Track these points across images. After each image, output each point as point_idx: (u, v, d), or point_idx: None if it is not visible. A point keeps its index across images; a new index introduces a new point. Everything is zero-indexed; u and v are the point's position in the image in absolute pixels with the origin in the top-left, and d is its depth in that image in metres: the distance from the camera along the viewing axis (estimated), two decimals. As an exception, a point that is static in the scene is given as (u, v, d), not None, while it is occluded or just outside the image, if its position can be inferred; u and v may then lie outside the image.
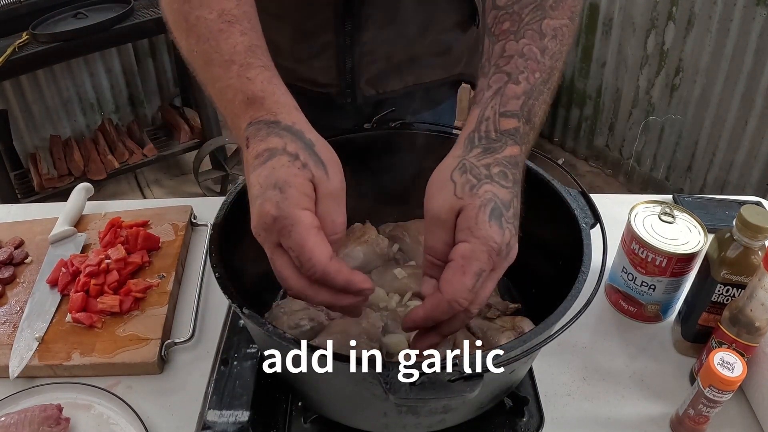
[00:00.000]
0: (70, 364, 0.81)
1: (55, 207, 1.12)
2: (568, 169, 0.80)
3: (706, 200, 1.12)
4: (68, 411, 0.76)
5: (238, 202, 0.74)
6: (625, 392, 0.80)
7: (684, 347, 0.84)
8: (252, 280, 0.74)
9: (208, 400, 0.74)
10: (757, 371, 0.75)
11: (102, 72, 2.89)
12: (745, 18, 2.16)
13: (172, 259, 0.96)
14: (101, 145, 2.70)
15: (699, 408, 0.70)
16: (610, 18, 2.66)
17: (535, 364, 0.79)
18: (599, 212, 0.71)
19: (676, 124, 2.57)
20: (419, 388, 0.51)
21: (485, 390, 0.58)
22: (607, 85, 2.80)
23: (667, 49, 2.48)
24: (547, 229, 0.77)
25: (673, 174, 2.68)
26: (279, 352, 0.62)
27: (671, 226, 0.85)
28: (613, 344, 0.87)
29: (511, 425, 0.73)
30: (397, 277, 0.86)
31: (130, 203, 1.12)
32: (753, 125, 2.28)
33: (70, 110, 2.88)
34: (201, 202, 1.12)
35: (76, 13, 2.30)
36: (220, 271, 0.63)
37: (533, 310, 0.81)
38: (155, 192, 2.94)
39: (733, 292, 0.76)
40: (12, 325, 0.87)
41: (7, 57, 2.09)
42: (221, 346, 0.83)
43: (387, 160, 0.85)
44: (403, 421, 0.64)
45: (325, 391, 0.67)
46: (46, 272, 0.94)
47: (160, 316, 0.87)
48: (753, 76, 2.21)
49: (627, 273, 0.87)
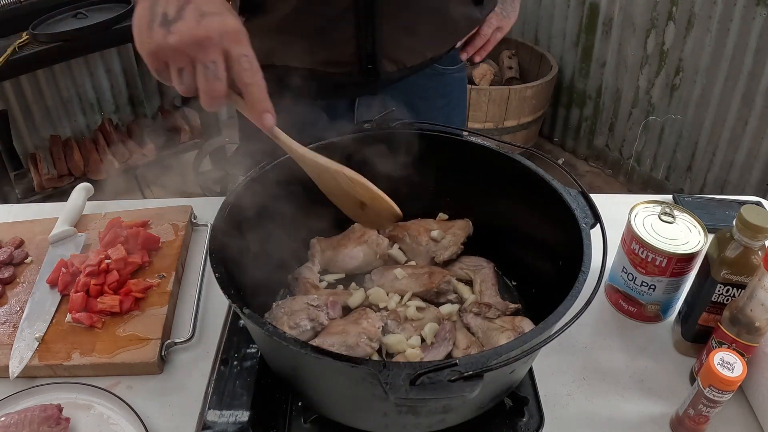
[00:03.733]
0: (70, 364, 0.81)
1: (55, 207, 1.12)
2: (568, 169, 0.80)
3: (706, 200, 1.12)
4: (68, 411, 0.76)
5: (238, 202, 0.74)
6: (625, 392, 0.80)
7: (684, 347, 0.84)
8: (252, 280, 0.74)
9: (208, 400, 0.74)
10: (757, 371, 0.75)
11: (102, 72, 2.89)
12: (745, 18, 2.16)
13: (172, 259, 0.96)
14: (101, 145, 2.70)
15: (699, 408, 0.70)
16: (610, 18, 2.67)
17: (535, 364, 0.79)
18: (599, 212, 0.72)
19: (676, 124, 2.57)
20: (419, 388, 0.51)
21: (485, 390, 0.58)
22: (607, 85, 2.81)
23: (667, 49, 2.48)
24: (547, 229, 0.78)
25: (673, 174, 2.68)
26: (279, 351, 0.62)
27: (671, 226, 0.85)
28: (613, 344, 0.87)
29: (511, 425, 0.73)
30: (397, 277, 0.86)
31: (130, 203, 1.12)
32: (753, 125, 2.28)
33: (70, 110, 2.88)
34: (201, 202, 1.12)
35: (76, 13, 2.30)
36: (220, 271, 0.63)
37: (533, 310, 0.81)
38: (155, 192, 2.93)
39: (733, 292, 0.76)
40: (12, 325, 0.87)
41: (7, 57, 2.09)
42: (221, 346, 0.83)
43: (387, 160, 0.85)
44: (403, 421, 0.64)
45: (325, 391, 0.67)
46: (46, 272, 0.94)
47: (160, 316, 0.87)
48: (753, 76, 2.21)
49: (627, 273, 0.87)
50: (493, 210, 0.87)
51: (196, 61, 0.61)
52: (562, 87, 3.02)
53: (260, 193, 0.78)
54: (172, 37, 0.60)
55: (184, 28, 0.61)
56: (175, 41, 0.60)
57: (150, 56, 0.63)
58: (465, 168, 0.87)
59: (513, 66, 3.02)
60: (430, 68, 1.03)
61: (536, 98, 2.76)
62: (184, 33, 0.60)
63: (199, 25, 0.60)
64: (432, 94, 1.08)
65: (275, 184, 0.80)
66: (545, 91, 2.81)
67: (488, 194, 0.87)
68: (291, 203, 0.83)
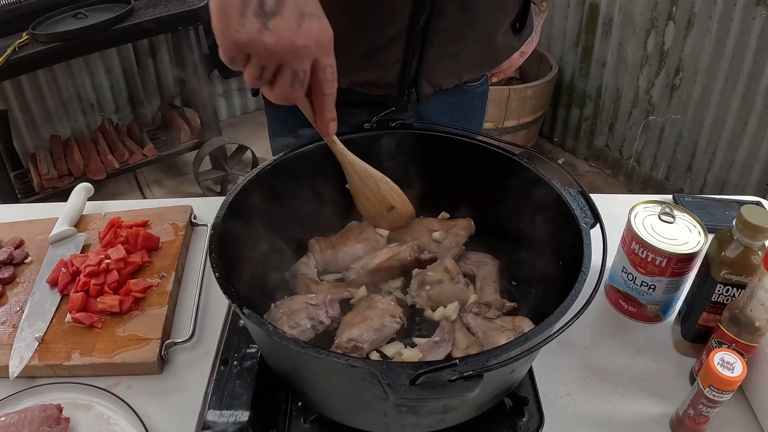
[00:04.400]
0: (70, 364, 0.81)
1: (55, 207, 1.12)
2: (568, 169, 0.81)
3: (706, 200, 1.12)
4: (68, 411, 0.76)
5: (238, 202, 0.74)
6: (625, 392, 0.80)
7: (684, 347, 0.84)
8: (252, 280, 0.74)
9: (208, 400, 0.74)
10: (757, 371, 0.75)
11: (102, 72, 2.89)
12: (745, 18, 2.16)
13: (172, 259, 0.96)
14: (101, 145, 2.70)
15: (699, 408, 0.70)
16: (610, 18, 2.67)
17: (535, 364, 0.79)
18: (599, 212, 0.72)
19: (676, 124, 2.57)
20: (419, 388, 0.51)
21: (485, 390, 0.58)
22: (607, 85, 2.81)
23: (667, 49, 2.48)
24: (547, 229, 0.78)
25: (673, 174, 2.68)
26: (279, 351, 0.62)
27: (671, 226, 0.85)
28: (613, 344, 0.87)
29: (511, 425, 0.73)
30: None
31: (130, 203, 1.12)
32: (753, 125, 2.28)
33: (70, 110, 2.88)
34: (201, 202, 1.12)
35: (76, 13, 2.30)
36: (220, 271, 0.63)
37: (533, 310, 0.81)
38: (155, 192, 2.94)
39: (733, 292, 0.76)
40: (12, 325, 0.87)
41: (7, 57, 2.09)
42: (221, 346, 0.83)
43: (387, 159, 0.85)
44: (403, 421, 0.64)
45: (325, 391, 0.67)
46: (46, 272, 0.94)
47: (160, 316, 0.87)
48: (753, 76, 2.21)
49: (627, 273, 0.87)
50: (493, 210, 0.87)
51: (285, 65, 0.58)
52: (562, 87, 3.02)
53: (260, 193, 0.78)
54: (269, 35, 0.55)
55: (284, 29, 0.55)
56: (271, 41, 0.55)
57: (234, 45, 0.56)
58: (465, 168, 0.87)
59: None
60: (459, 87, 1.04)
61: (536, 98, 2.76)
62: (282, 35, 0.55)
63: (300, 28, 0.56)
64: (453, 109, 1.08)
65: (275, 184, 0.80)
66: (545, 91, 2.81)
67: (488, 194, 0.87)
68: (291, 203, 0.83)
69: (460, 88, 1.04)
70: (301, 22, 0.56)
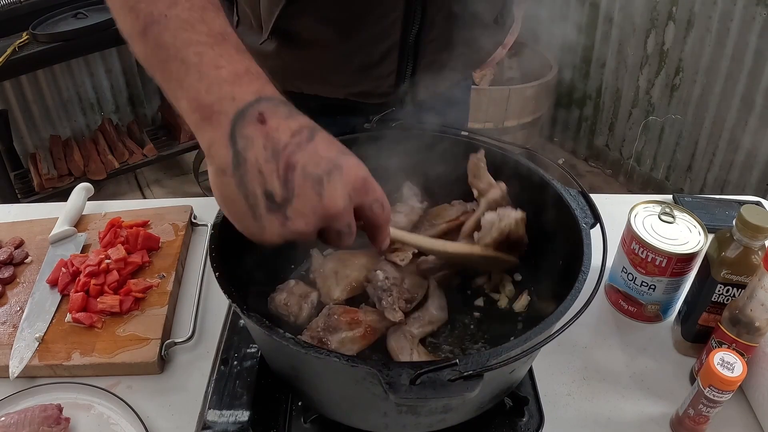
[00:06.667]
0: (70, 364, 0.81)
1: (55, 207, 1.12)
2: (568, 169, 0.80)
3: (706, 200, 1.12)
4: (68, 411, 0.76)
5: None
6: (625, 392, 0.80)
7: (684, 347, 0.84)
8: (252, 280, 0.74)
9: (208, 400, 0.74)
10: (757, 371, 0.75)
11: (102, 72, 2.89)
12: (745, 18, 2.16)
13: (172, 259, 0.96)
14: (101, 145, 2.70)
15: (699, 408, 0.70)
16: (610, 18, 2.67)
17: (535, 364, 0.79)
18: (599, 212, 0.72)
19: (676, 124, 2.57)
20: (419, 387, 0.51)
21: (485, 390, 0.58)
22: (607, 85, 2.81)
23: (667, 49, 2.48)
24: (547, 229, 0.78)
25: (673, 174, 2.68)
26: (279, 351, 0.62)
27: (671, 226, 0.85)
28: (613, 344, 0.87)
29: (511, 425, 0.73)
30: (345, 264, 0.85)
31: (130, 203, 1.12)
32: (753, 125, 2.28)
33: (70, 110, 2.88)
34: (201, 202, 1.12)
35: (76, 13, 2.30)
36: (220, 271, 0.63)
37: (533, 310, 0.81)
38: (155, 192, 2.93)
39: (733, 292, 0.76)
40: (12, 325, 0.87)
41: (7, 57, 2.09)
42: (221, 346, 0.83)
43: (386, 159, 0.85)
44: (403, 420, 0.64)
45: (325, 391, 0.67)
46: (46, 272, 0.94)
47: (160, 316, 0.87)
48: (753, 76, 2.21)
49: (627, 273, 0.87)
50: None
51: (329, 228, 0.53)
52: (562, 87, 3.02)
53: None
54: (295, 223, 0.50)
55: (307, 209, 0.50)
56: (301, 227, 0.50)
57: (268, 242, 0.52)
58: (465, 168, 0.87)
59: (513, 66, 3.02)
60: None
61: (536, 98, 2.76)
62: (309, 216, 0.50)
63: (322, 199, 0.50)
64: (444, 106, 1.09)
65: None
66: (545, 91, 2.81)
67: (488, 194, 0.87)
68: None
69: (451, 86, 1.06)
70: (321, 191, 0.50)
